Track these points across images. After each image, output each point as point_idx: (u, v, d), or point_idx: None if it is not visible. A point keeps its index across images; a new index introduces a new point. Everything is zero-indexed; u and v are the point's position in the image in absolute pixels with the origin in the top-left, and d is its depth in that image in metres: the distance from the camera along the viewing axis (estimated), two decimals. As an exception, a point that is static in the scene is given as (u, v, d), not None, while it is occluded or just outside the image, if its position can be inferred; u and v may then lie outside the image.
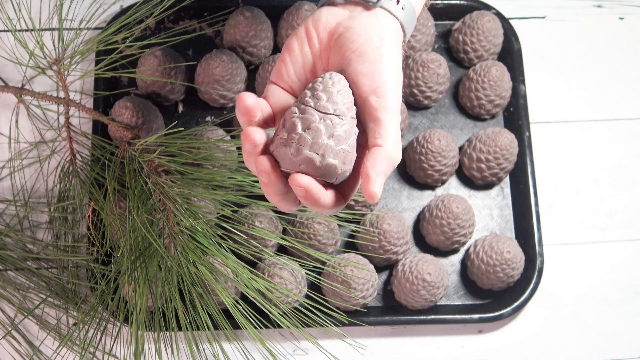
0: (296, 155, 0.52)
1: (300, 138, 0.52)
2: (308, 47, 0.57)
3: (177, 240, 0.77)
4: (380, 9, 0.56)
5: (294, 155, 0.52)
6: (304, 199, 0.53)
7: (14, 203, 0.86)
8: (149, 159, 0.80)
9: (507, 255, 0.84)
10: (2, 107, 0.93)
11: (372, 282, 0.84)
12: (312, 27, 0.57)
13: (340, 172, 0.53)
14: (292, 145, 0.52)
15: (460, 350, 0.87)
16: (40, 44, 0.82)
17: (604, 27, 0.99)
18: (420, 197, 0.91)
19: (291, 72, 0.57)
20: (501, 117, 0.94)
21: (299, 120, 0.53)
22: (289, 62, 0.57)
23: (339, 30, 0.56)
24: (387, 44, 0.55)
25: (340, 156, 0.52)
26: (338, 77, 0.54)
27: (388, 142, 0.53)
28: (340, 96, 0.53)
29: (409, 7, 0.57)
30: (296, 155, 0.52)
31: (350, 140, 0.53)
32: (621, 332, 0.88)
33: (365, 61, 0.54)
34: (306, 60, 0.57)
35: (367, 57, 0.54)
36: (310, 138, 0.52)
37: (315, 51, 0.57)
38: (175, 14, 0.95)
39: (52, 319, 0.84)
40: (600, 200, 0.93)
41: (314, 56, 0.57)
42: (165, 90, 0.90)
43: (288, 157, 0.52)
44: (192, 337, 0.77)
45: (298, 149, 0.52)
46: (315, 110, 0.53)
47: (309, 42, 0.57)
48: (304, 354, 0.86)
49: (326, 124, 0.52)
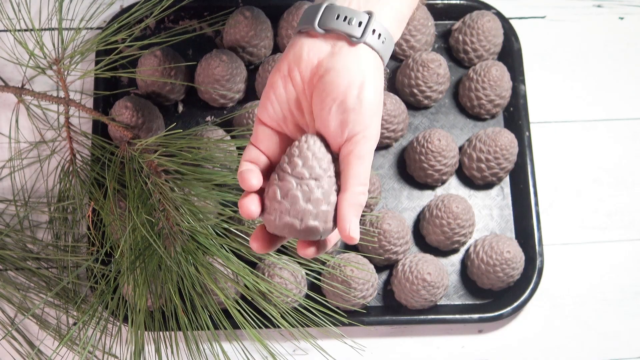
0: (278, 222, 0.55)
1: (279, 205, 0.55)
2: (291, 85, 0.57)
3: (176, 240, 0.77)
4: (362, 45, 0.56)
5: (276, 222, 0.55)
6: None
7: (14, 203, 0.86)
8: (149, 159, 0.80)
9: (507, 255, 0.84)
10: (2, 107, 0.93)
11: (372, 282, 0.84)
12: (293, 64, 0.57)
13: (322, 231, 0.55)
14: (273, 213, 0.55)
15: (460, 350, 0.87)
16: (40, 44, 0.82)
17: (604, 27, 0.99)
18: (420, 197, 0.91)
19: (277, 109, 0.58)
20: (501, 117, 0.94)
21: (277, 187, 0.55)
22: (274, 100, 0.58)
23: (320, 71, 0.56)
24: (367, 88, 0.55)
25: (321, 217, 0.55)
26: (313, 140, 0.56)
27: (354, 188, 0.55)
28: (316, 160, 0.55)
29: (388, 37, 0.58)
30: (278, 221, 0.55)
31: (331, 198, 0.55)
32: (621, 332, 0.88)
33: (344, 111, 0.55)
34: (290, 97, 0.58)
35: (347, 106, 0.55)
36: (289, 205, 0.55)
37: (299, 88, 0.57)
38: (175, 13, 0.95)
39: (52, 319, 0.84)
40: (600, 200, 0.93)
41: (297, 92, 0.57)
42: (165, 90, 0.90)
43: (272, 223, 0.55)
44: (192, 336, 0.77)
45: (279, 216, 0.55)
46: (293, 177, 0.55)
47: (292, 80, 0.57)
48: (303, 354, 0.86)
49: (303, 190, 0.55)
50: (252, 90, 0.93)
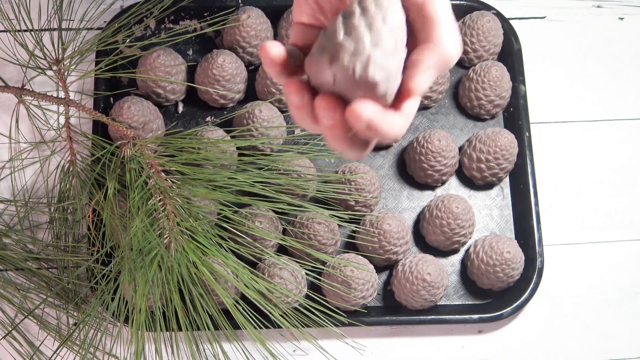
0: (333, 63, 0.44)
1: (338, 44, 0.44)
2: None
3: (177, 240, 0.77)
4: None
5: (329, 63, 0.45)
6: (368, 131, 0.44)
7: (14, 203, 0.86)
8: (149, 159, 0.80)
9: (507, 255, 0.84)
10: (2, 107, 0.93)
11: (372, 283, 0.84)
12: None
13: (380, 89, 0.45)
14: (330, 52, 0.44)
15: (460, 350, 0.87)
16: (40, 44, 0.82)
17: (604, 27, 0.99)
18: (420, 197, 0.91)
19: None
20: (501, 117, 0.94)
21: (341, 24, 0.44)
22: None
23: None
24: None
25: (386, 70, 0.44)
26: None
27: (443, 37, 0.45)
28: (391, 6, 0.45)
29: None
30: (333, 62, 0.44)
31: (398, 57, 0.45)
32: (621, 332, 0.89)
33: None
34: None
35: None
36: (352, 45, 0.44)
37: None
38: (176, 14, 0.95)
39: (52, 319, 0.84)
40: (600, 200, 0.93)
41: None
42: (166, 90, 0.90)
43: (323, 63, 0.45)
44: (192, 337, 0.77)
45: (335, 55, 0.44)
46: (362, 17, 0.44)
47: None
48: (304, 354, 0.86)
49: (373, 31, 0.44)
50: (252, 90, 0.93)
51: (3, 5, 0.88)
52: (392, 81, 0.45)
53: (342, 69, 0.44)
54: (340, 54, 0.44)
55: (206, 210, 0.81)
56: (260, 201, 0.81)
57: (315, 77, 0.46)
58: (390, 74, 0.45)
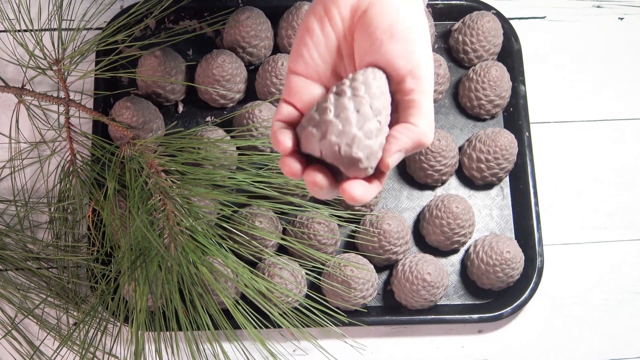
0: (321, 138, 0.50)
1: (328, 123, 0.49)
2: (330, 27, 0.52)
3: (177, 240, 0.77)
4: None
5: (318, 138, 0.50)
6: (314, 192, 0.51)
7: (14, 203, 0.86)
8: (149, 159, 0.80)
9: (507, 255, 0.84)
10: (2, 107, 0.93)
11: (372, 282, 0.84)
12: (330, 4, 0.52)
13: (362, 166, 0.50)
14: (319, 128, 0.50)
15: (460, 350, 0.87)
16: (40, 44, 0.82)
17: (604, 27, 0.99)
18: (420, 197, 0.91)
19: (314, 55, 0.53)
20: (501, 117, 0.94)
21: (332, 105, 0.50)
22: (310, 45, 0.53)
23: (362, 6, 0.52)
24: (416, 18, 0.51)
25: (368, 150, 0.50)
26: (380, 73, 0.51)
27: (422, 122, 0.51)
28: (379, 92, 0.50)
29: None
30: (321, 138, 0.50)
31: (380, 138, 0.50)
32: (621, 332, 0.88)
33: (398, 42, 0.50)
34: (329, 41, 0.53)
35: (399, 37, 0.50)
36: (340, 125, 0.49)
37: (338, 30, 0.52)
38: (175, 14, 0.95)
39: (52, 319, 0.84)
40: (600, 200, 0.93)
41: (337, 36, 0.53)
42: (165, 90, 0.90)
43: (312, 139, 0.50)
44: (192, 337, 0.77)
45: (325, 132, 0.49)
46: (352, 99, 0.50)
47: (330, 21, 0.52)
48: (304, 354, 0.86)
49: (360, 114, 0.50)
50: (252, 91, 0.93)
51: (3, 5, 0.88)
52: (373, 157, 0.50)
53: (330, 146, 0.50)
54: (328, 132, 0.49)
55: (206, 210, 0.81)
56: (260, 201, 0.81)
57: (305, 146, 0.51)
58: (372, 151, 0.50)
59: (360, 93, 0.50)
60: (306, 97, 0.53)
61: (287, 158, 0.51)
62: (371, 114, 0.50)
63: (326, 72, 0.53)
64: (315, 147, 0.50)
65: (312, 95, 0.53)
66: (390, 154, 0.51)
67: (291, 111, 0.53)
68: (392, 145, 0.51)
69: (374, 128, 0.50)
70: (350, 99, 0.50)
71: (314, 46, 0.53)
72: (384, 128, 0.51)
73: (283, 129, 0.52)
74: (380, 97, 0.51)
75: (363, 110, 0.50)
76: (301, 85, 0.53)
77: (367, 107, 0.50)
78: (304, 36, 0.53)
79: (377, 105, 0.50)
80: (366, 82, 0.50)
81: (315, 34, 0.53)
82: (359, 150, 0.50)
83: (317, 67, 0.53)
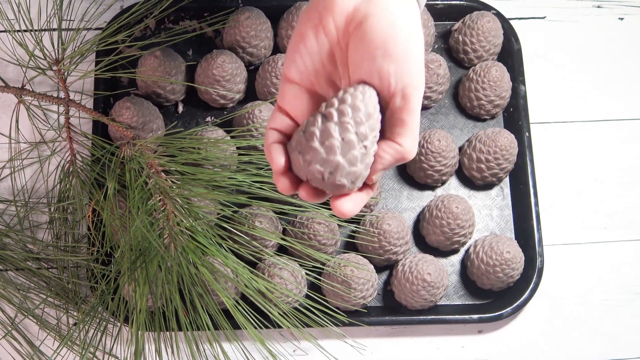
0: (306, 166, 0.51)
1: (313, 150, 0.51)
2: (324, 34, 0.52)
3: (177, 240, 0.77)
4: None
5: (304, 165, 0.51)
6: None
7: (14, 203, 0.86)
8: (149, 159, 0.80)
9: (507, 255, 0.84)
10: (2, 107, 0.93)
11: (372, 282, 0.84)
12: (325, 12, 0.52)
13: (347, 189, 0.52)
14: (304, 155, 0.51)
15: (460, 350, 0.87)
16: (40, 44, 0.82)
17: (604, 27, 0.99)
18: (420, 197, 0.91)
19: (308, 63, 0.53)
20: (501, 118, 0.94)
21: (318, 131, 0.51)
22: (304, 52, 0.53)
23: (358, 17, 0.51)
24: (413, 35, 0.51)
25: (351, 176, 0.51)
26: (370, 93, 0.51)
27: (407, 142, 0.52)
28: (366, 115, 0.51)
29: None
30: (306, 165, 0.51)
31: (367, 160, 0.52)
32: (621, 332, 0.89)
33: (391, 61, 0.51)
34: (322, 48, 0.53)
35: (392, 54, 0.51)
36: (325, 153, 0.51)
37: (332, 38, 0.52)
38: (175, 14, 0.95)
39: (52, 319, 0.84)
40: (600, 201, 0.93)
41: (330, 43, 0.52)
42: (165, 90, 0.90)
43: (298, 164, 0.52)
44: (192, 337, 0.77)
45: (310, 160, 0.51)
46: (337, 125, 0.51)
47: (324, 29, 0.52)
48: (304, 354, 0.86)
49: (344, 142, 0.51)
50: (252, 91, 0.93)
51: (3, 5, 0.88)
52: (359, 180, 0.52)
53: (314, 173, 0.51)
54: (313, 160, 0.51)
55: (206, 210, 0.81)
56: (260, 201, 0.81)
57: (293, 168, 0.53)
58: (356, 176, 0.52)
59: (346, 119, 0.50)
60: (299, 104, 0.54)
61: (280, 177, 0.53)
62: (356, 140, 0.51)
63: (320, 79, 0.54)
64: (301, 173, 0.52)
65: (305, 103, 0.54)
66: (375, 172, 0.53)
67: (286, 121, 0.54)
68: (377, 165, 0.52)
69: (358, 154, 0.51)
70: (336, 125, 0.51)
71: (307, 54, 0.53)
72: (370, 150, 0.52)
73: (276, 145, 0.53)
74: (369, 120, 0.51)
75: (348, 137, 0.50)
76: (294, 93, 0.54)
77: (353, 134, 0.51)
78: (298, 43, 0.53)
79: (363, 130, 0.51)
80: (354, 105, 0.51)
81: (309, 42, 0.53)
82: (342, 177, 0.51)
83: (311, 74, 0.53)
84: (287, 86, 0.54)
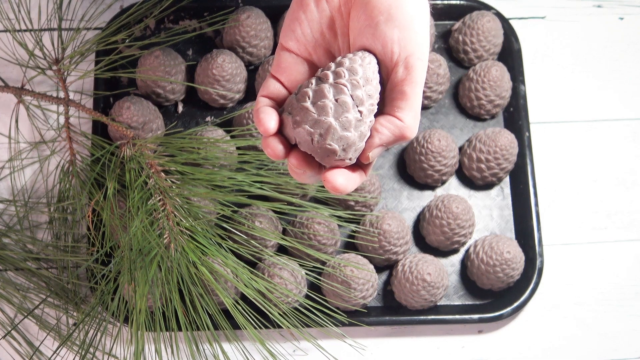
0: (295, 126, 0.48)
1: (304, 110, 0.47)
2: (325, 2, 0.50)
3: (177, 240, 0.77)
4: None
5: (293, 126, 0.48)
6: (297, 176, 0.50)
7: (14, 203, 0.86)
8: (149, 159, 0.80)
9: (507, 255, 0.84)
10: (2, 107, 0.93)
11: (372, 282, 0.84)
12: None
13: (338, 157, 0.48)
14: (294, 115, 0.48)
15: (460, 350, 0.87)
16: (40, 44, 0.82)
17: (604, 27, 0.99)
18: (420, 197, 0.91)
19: (307, 32, 0.51)
20: (501, 117, 0.94)
21: (311, 91, 0.48)
22: (304, 20, 0.50)
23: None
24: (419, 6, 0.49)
25: (343, 141, 0.48)
26: (369, 58, 0.48)
27: (408, 117, 0.49)
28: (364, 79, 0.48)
29: None
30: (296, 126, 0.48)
31: (362, 128, 0.48)
32: (621, 332, 0.89)
33: (395, 26, 0.48)
34: (323, 16, 0.50)
35: (397, 21, 0.48)
36: (316, 113, 0.47)
37: (334, 5, 0.50)
38: (175, 14, 0.95)
39: (52, 319, 0.84)
40: (600, 201, 0.93)
41: (331, 10, 0.50)
42: (165, 90, 0.90)
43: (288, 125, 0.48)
44: (192, 337, 0.77)
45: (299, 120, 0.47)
46: (332, 86, 0.48)
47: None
48: (303, 354, 0.86)
49: (338, 103, 0.47)
50: (252, 90, 0.93)
51: (3, 5, 0.88)
52: (351, 149, 0.48)
53: (303, 135, 0.48)
54: (303, 120, 0.47)
55: (206, 210, 0.81)
56: (260, 201, 0.81)
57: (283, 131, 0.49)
58: (349, 143, 0.48)
59: (342, 80, 0.48)
60: (295, 74, 0.51)
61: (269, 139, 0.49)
62: (351, 103, 0.48)
63: (318, 50, 0.52)
64: (290, 134, 0.49)
65: (301, 74, 0.51)
66: (371, 148, 0.49)
67: (278, 88, 0.51)
68: (374, 140, 0.49)
69: (352, 119, 0.47)
70: (331, 86, 0.48)
71: (307, 22, 0.51)
72: (366, 118, 0.48)
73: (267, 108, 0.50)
74: (366, 85, 0.48)
75: (342, 99, 0.47)
76: (291, 62, 0.51)
77: (348, 96, 0.48)
78: (298, 11, 0.51)
79: (359, 94, 0.48)
80: (352, 68, 0.48)
81: (310, 9, 0.50)
82: (333, 141, 0.47)
83: (309, 44, 0.51)
84: (284, 55, 0.51)
